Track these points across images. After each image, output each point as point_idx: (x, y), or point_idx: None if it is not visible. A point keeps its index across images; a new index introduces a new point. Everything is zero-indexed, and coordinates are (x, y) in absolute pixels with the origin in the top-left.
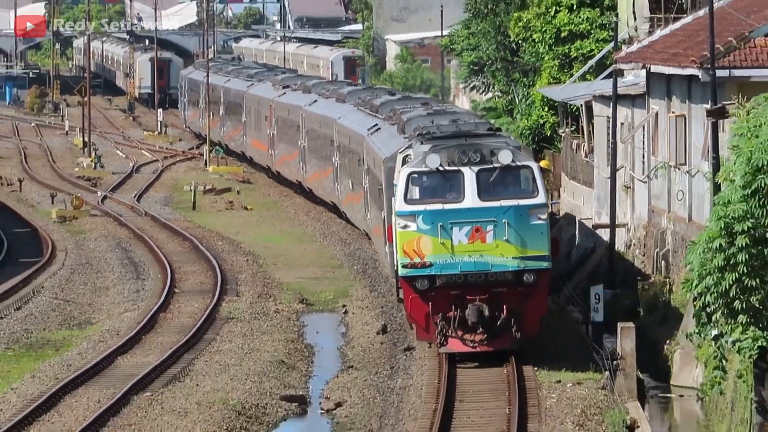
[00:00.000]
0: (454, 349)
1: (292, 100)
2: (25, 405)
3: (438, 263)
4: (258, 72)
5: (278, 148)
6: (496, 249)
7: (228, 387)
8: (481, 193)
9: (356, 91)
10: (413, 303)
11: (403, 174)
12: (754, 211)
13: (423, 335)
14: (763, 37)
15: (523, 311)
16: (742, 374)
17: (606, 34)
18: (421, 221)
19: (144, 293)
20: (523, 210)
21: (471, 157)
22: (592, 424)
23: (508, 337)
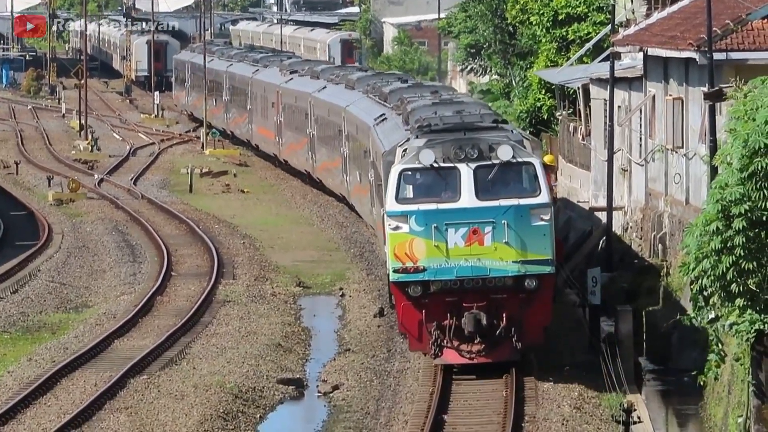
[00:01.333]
0: (450, 361)
1: (301, 86)
2: (22, 388)
3: (432, 268)
4: (264, 57)
5: (286, 136)
6: (495, 252)
7: (225, 370)
8: (479, 191)
9: (366, 78)
10: (405, 311)
11: (394, 171)
12: (751, 194)
13: (416, 345)
14: (761, 20)
15: (525, 320)
16: (739, 357)
17: (603, 17)
18: (413, 222)
19: (141, 276)
20: (524, 210)
21: (468, 152)
22: (589, 407)
23: (507, 347)
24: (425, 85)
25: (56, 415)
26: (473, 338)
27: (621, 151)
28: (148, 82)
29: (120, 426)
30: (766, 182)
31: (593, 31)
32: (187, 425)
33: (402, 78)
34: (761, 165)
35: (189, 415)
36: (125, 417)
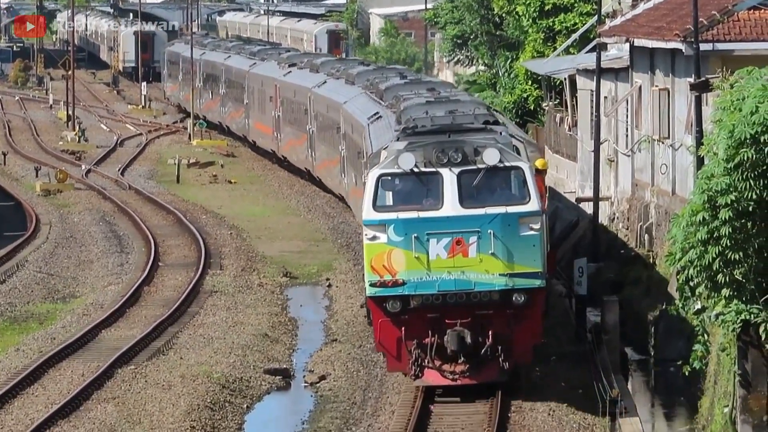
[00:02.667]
0: (431, 382)
1: (300, 80)
2: (9, 378)
3: (412, 281)
4: (262, 49)
5: (284, 132)
6: (481, 264)
7: (212, 360)
8: (463, 198)
9: (366, 72)
10: (383, 328)
11: (372, 176)
12: (737, 185)
13: (395, 365)
14: (747, 11)
15: (513, 337)
16: (725, 347)
17: (590, 8)
18: (392, 232)
19: (128, 267)
20: (511, 219)
21: (451, 156)
22: (575, 397)
23: (494, 367)
24: (423, 81)
25: (44, 405)
26: (456, 358)
27: (607, 142)
28: (136, 73)
29: (107, 416)
30: (752, 173)
31: (580, 21)
32: (174, 415)
33: (402, 74)
34: (747, 155)
35: (176, 405)
36: (113, 407)
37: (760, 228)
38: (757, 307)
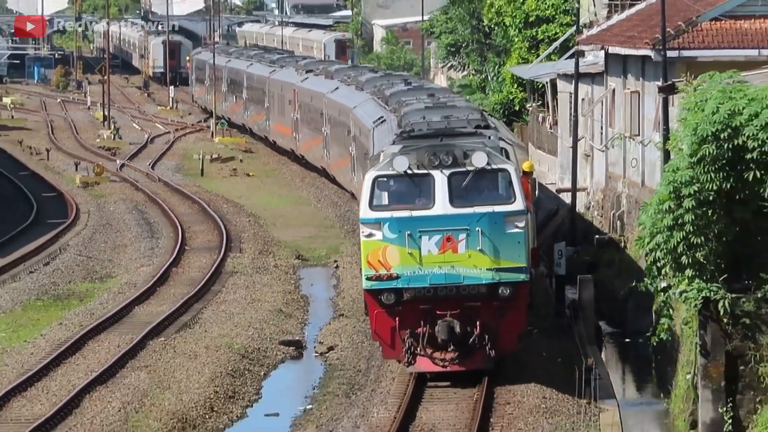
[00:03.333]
0: (423, 369)
1: (315, 86)
2: (53, 349)
3: (405, 275)
4: (281, 57)
5: (302, 133)
6: (469, 260)
7: (233, 333)
8: (453, 198)
9: (374, 79)
10: (378, 318)
11: (368, 177)
12: (700, 177)
13: (389, 353)
14: (709, 22)
15: (499, 327)
16: (688, 321)
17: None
18: (387, 229)
19: (158, 250)
20: (498, 217)
21: (442, 159)
22: (554, 366)
23: (481, 355)
24: (425, 88)
25: (84, 373)
26: (447, 346)
27: (584, 139)
28: (164, 77)
29: (140, 382)
30: (713, 166)
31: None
32: (199, 381)
33: (407, 80)
34: (709, 151)
35: (201, 372)
36: (145, 374)
37: (719, 216)
38: (716, 286)
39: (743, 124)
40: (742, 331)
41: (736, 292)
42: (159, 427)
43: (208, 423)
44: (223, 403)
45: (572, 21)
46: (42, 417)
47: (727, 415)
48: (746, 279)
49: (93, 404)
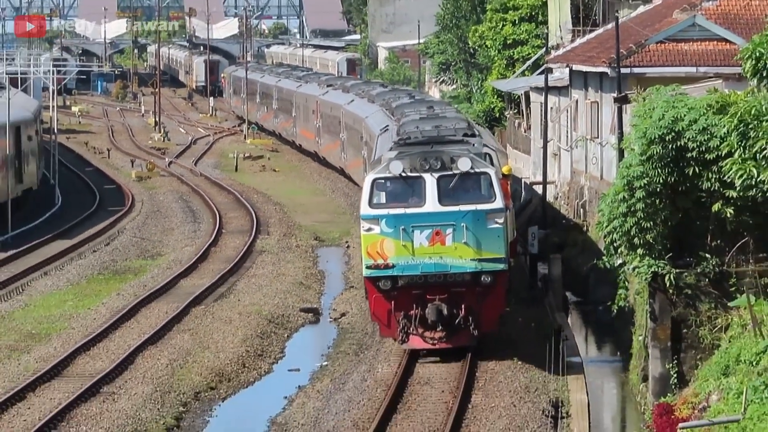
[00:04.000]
0: (415, 346)
1: (335, 98)
2: (112, 315)
3: (400, 264)
4: (305, 74)
5: (324, 138)
6: (455, 251)
7: (261, 302)
8: (442, 198)
9: (383, 93)
10: (376, 302)
11: (367, 179)
12: (649, 172)
13: (386, 332)
14: (655, 44)
15: (481, 310)
16: (639, 292)
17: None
18: (384, 224)
19: (199, 233)
20: (480, 214)
21: (432, 163)
22: (529, 330)
23: (466, 334)
24: (426, 101)
25: (137, 335)
26: (436, 326)
27: (553, 140)
28: (205, 90)
29: (184, 343)
30: (659, 163)
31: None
32: (233, 342)
33: (411, 94)
34: (656, 150)
35: (235, 334)
36: (188, 336)
37: (665, 204)
38: (663, 262)
39: (684, 128)
40: (685, 300)
41: (680, 268)
42: (200, 380)
43: (240, 377)
44: (253, 360)
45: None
46: (103, 371)
47: (673, 370)
48: (688, 257)
49: (145, 361)
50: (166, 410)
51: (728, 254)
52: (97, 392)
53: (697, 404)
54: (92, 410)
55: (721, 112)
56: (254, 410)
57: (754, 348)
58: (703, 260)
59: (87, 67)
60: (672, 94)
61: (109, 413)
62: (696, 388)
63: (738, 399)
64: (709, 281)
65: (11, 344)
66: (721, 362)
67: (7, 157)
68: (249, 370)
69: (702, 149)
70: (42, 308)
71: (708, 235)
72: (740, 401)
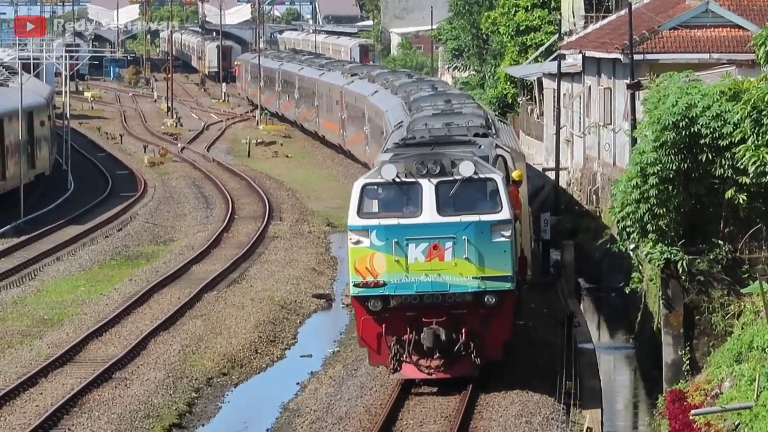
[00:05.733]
0: (409, 375)
1: (359, 89)
2: (125, 300)
3: (392, 283)
4: (328, 62)
5: (348, 130)
6: (455, 268)
7: (273, 287)
8: (440, 207)
9: (405, 84)
10: (365, 325)
11: (357, 185)
12: (662, 158)
13: (375, 359)
14: (669, 30)
15: (484, 335)
16: (652, 278)
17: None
18: (374, 237)
19: (212, 218)
20: (484, 226)
21: (430, 168)
22: (542, 315)
23: (467, 362)
24: (446, 93)
25: (150, 321)
26: (432, 353)
27: (565, 127)
28: (218, 76)
29: (197, 329)
30: (672, 150)
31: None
32: (246, 328)
33: (434, 86)
34: (669, 137)
35: (247, 320)
36: (201, 322)
37: (678, 191)
38: (676, 249)
39: (698, 115)
40: (698, 287)
41: (692, 255)
42: (212, 366)
43: (253, 363)
44: (265, 346)
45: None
46: (114, 357)
47: (686, 357)
48: (701, 243)
49: (157, 347)
50: (179, 396)
51: (741, 241)
52: (110, 378)
53: (710, 391)
54: (105, 396)
55: (735, 99)
56: (267, 396)
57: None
58: (716, 247)
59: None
60: (685, 80)
61: (121, 399)
62: (708, 375)
63: (751, 386)
64: (722, 268)
65: (24, 330)
66: (734, 349)
67: (19, 143)
68: (261, 355)
69: (715, 136)
70: (54, 293)
71: (721, 221)
72: (753, 388)
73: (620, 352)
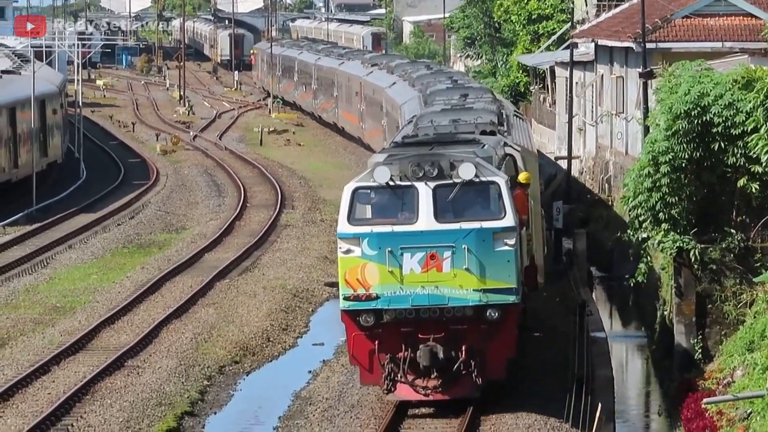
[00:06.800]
0: (404, 397)
1: (378, 80)
2: (137, 288)
3: (385, 295)
4: (347, 51)
5: (367, 123)
6: (454, 279)
7: (286, 276)
8: (438, 213)
9: (423, 76)
10: (356, 341)
11: (347, 189)
12: (674, 147)
13: (367, 379)
14: (681, 19)
15: (486, 353)
16: (664, 267)
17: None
18: (366, 245)
19: (224, 207)
20: (486, 234)
21: (427, 170)
22: (553, 303)
23: (467, 383)
24: (464, 87)
25: (162, 309)
26: (429, 373)
27: (578, 116)
28: (230, 64)
29: (209, 317)
30: (685, 138)
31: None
32: (258, 316)
33: (452, 77)
34: (682, 126)
35: (260, 308)
36: (213, 310)
37: (690, 179)
38: (688, 237)
39: (710, 104)
40: (710, 276)
41: (705, 243)
42: (224, 354)
43: (265, 351)
44: (277, 334)
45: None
46: (127, 345)
47: (698, 345)
48: (713, 232)
49: (169, 335)
50: (191, 384)
51: (753, 229)
52: (122, 366)
53: (722, 379)
54: (117, 383)
55: (747, 88)
56: (279, 384)
57: None
58: (728, 235)
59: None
60: (698, 69)
61: (133, 386)
62: (720, 364)
63: (763, 375)
64: (734, 257)
65: (36, 317)
66: (746, 338)
67: (32, 131)
68: (273, 344)
69: (727, 124)
70: (66, 281)
71: (733, 210)
72: (765, 377)
73: (632, 340)
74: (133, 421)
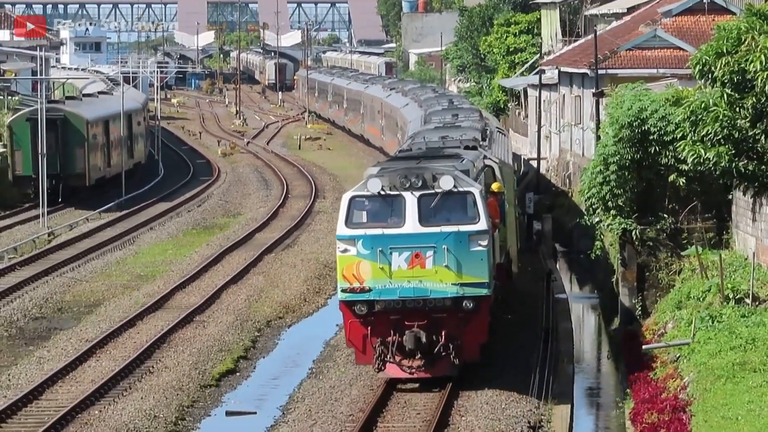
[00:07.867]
0: (392, 374)
1: (394, 101)
2: (203, 260)
3: (377, 288)
4: (371, 77)
5: (387, 136)
6: (436, 275)
7: (319, 251)
8: (422, 218)
9: (429, 99)
10: (352, 327)
11: (345, 198)
12: (620, 150)
13: (361, 359)
14: (626, 51)
15: (462, 338)
16: (612, 243)
17: (535, 49)
18: (360, 246)
19: (271, 197)
20: (463, 236)
21: (412, 182)
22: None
23: (446, 363)
24: (458, 108)
25: (222, 276)
26: (414, 354)
27: (545, 126)
28: (275, 87)
29: (259, 282)
30: (628, 144)
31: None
32: (297, 282)
33: (452, 100)
34: (625, 134)
35: (298, 276)
36: (262, 277)
37: (632, 176)
38: (631, 221)
39: (648, 116)
40: (648, 250)
41: (643, 225)
42: (270, 311)
43: (303, 308)
44: (312, 295)
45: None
46: (195, 305)
47: (638, 305)
48: (650, 216)
49: (228, 296)
50: (245, 335)
51: (681, 214)
52: (191, 320)
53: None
54: (187, 335)
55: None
56: (313, 335)
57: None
58: (662, 219)
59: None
60: (638, 89)
61: (200, 337)
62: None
63: (688, 327)
64: (667, 236)
65: (125, 283)
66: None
67: (121, 138)
68: (308, 303)
69: (661, 133)
70: (148, 255)
71: (665, 199)
72: (690, 329)
73: (588, 301)
74: (200, 364)
